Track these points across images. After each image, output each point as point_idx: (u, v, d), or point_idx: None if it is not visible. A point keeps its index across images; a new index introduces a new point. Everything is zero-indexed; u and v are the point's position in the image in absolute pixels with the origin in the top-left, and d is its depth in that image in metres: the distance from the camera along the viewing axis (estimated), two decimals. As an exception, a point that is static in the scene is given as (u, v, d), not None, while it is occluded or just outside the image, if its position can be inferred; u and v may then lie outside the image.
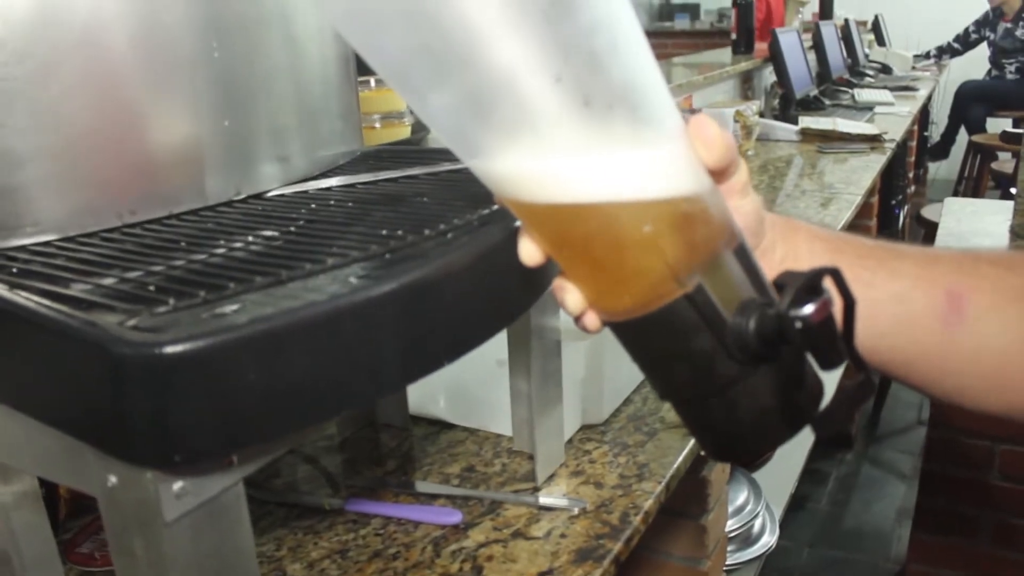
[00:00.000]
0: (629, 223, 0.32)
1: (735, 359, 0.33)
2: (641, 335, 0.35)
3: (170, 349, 0.34)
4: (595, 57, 0.29)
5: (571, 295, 0.36)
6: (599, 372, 0.81)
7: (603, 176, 0.31)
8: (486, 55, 0.28)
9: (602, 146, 0.30)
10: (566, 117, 0.29)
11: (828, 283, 0.32)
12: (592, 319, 0.36)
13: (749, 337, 0.32)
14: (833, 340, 0.32)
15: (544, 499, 0.70)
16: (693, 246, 0.32)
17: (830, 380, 0.36)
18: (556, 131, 0.30)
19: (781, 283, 0.33)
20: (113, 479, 0.38)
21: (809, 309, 0.31)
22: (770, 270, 0.36)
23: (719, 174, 0.35)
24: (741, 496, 1.46)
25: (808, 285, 0.32)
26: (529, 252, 0.36)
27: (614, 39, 0.30)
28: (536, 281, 0.50)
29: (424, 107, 0.31)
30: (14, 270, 0.43)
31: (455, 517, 0.68)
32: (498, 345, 0.55)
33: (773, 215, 0.42)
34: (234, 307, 0.39)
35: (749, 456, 0.38)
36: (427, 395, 0.83)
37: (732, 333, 0.33)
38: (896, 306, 0.41)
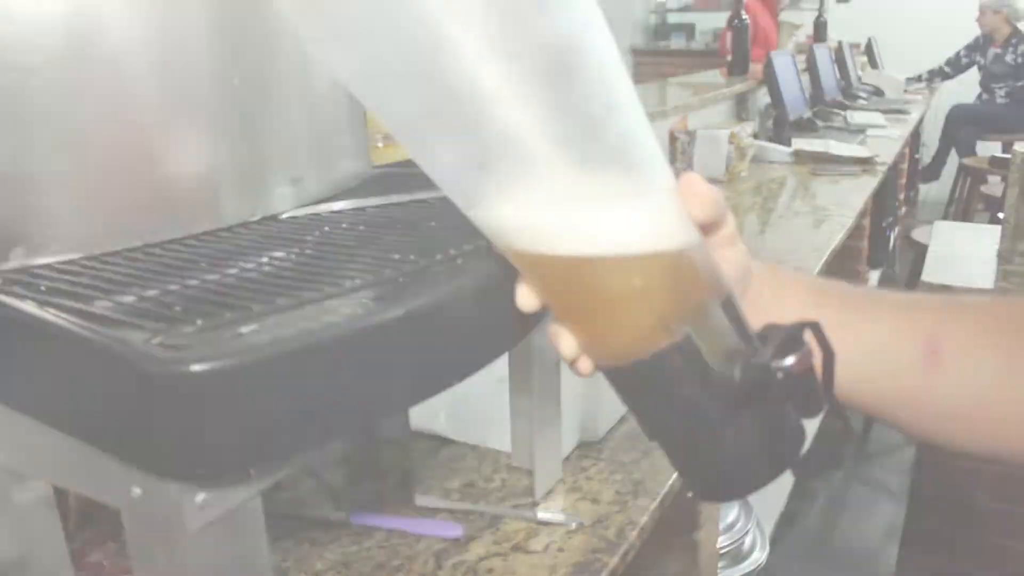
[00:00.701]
0: (620, 275, 0.33)
1: (720, 405, 0.34)
2: (631, 380, 0.36)
3: (197, 367, 0.35)
4: (592, 120, 0.31)
5: (566, 340, 0.37)
6: (597, 391, 0.83)
7: (596, 230, 0.32)
8: (489, 118, 0.30)
9: (596, 201, 0.32)
10: (563, 175, 0.31)
11: (809, 336, 0.34)
12: (585, 364, 0.38)
13: (734, 385, 0.34)
14: (813, 390, 0.34)
15: (542, 514, 0.71)
16: (682, 298, 0.34)
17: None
18: (553, 187, 0.31)
19: (765, 335, 0.35)
20: (137, 490, 0.39)
21: (790, 360, 0.33)
22: (756, 317, 0.37)
23: (708, 227, 0.37)
24: (732, 513, 1.47)
25: (790, 337, 0.33)
26: (525, 299, 0.38)
27: (609, 103, 0.32)
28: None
29: (426, 160, 0.33)
30: (42, 287, 0.45)
31: (456, 531, 0.69)
32: (498, 363, 0.57)
33: (759, 263, 0.43)
34: (253, 327, 0.41)
35: (732, 496, 0.39)
36: (428, 411, 0.85)
37: (718, 381, 0.34)
38: (876, 352, 0.42)
